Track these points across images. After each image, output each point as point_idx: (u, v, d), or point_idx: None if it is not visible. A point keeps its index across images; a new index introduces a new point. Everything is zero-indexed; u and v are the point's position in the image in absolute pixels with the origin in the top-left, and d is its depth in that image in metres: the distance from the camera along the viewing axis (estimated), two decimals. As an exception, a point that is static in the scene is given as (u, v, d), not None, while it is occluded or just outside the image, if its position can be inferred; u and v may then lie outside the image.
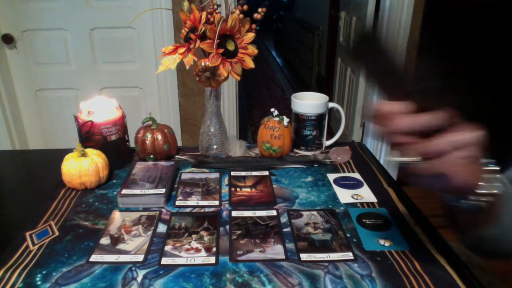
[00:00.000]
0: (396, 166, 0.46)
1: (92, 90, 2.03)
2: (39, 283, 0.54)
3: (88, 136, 0.81)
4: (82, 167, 0.76)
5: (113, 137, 0.83)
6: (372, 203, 0.75)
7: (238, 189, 0.79)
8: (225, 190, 0.79)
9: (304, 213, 0.71)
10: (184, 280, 0.55)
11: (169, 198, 0.76)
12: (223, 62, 0.76)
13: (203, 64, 0.76)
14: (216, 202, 0.75)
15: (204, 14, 0.75)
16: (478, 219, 0.56)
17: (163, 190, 0.74)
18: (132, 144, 0.90)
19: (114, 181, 0.83)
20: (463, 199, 0.52)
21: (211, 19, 0.75)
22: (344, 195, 0.77)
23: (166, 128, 0.89)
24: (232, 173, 0.85)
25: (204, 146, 0.92)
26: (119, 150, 0.86)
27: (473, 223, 0.57)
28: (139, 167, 0.83)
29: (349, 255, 0.60)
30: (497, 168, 0.50)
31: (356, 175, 0.86)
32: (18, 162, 1.01)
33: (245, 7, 0.76)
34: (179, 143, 1.34)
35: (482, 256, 0.59)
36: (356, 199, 0.76)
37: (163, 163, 0.85)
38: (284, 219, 0.70)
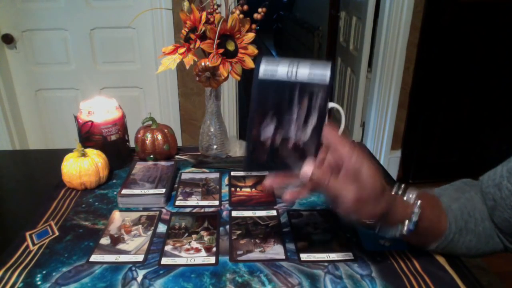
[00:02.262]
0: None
1: (92, 90, 2.03)
2: (39, 283, 0.54)
3: (88, 136, 0.81)
4: (82, 167, 0.76)
5: (113, 137, 0.83)
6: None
7: (238, 189, 0.79)
8: (225, 190, 0.79)
9: (304, 213, 0.71)
10: (184, 280, 0.55)
11: (169, 198, 0.76)
12: (223, 62, 0.76)
13: (203, 64, 0.76)
14: (216, 202, 0.75)
15: (204, 14, 0.75)
16: (415, 241, 0.58)
17: (163, 190, 0.74)
18: (132, 144, 0.90)
19: (114, 181, 0.83)
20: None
21: (211, 19, 0.75)
22: (344, 195, 0.77)
23: (166, 128, 0.89)
24: (232, 173, 0.85)
25: (204, 146, 0.92)
26: (119, 150, 0.86)
27: (417, 244, 0.59)
28: (139, 167, 0.83)
29: (349, 255, 0.60)
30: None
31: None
32: (18, 162, 1.00)
33: (245, 7, 0.76)
34: (179, 143, 1.34)
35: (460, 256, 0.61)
36: (356, 199, 0.76)
37: (163, 163, 0.85)
38: (284, 219, 0.70)
